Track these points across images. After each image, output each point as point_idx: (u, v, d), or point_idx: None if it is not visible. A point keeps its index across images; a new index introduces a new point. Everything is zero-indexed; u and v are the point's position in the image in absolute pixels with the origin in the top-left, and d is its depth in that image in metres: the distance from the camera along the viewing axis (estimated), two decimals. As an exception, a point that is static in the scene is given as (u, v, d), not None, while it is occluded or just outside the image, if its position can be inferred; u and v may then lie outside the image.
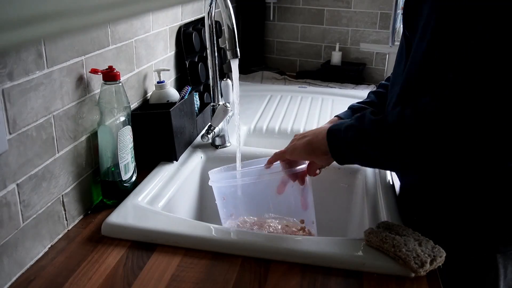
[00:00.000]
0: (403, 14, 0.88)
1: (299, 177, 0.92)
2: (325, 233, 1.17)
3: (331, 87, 1.89)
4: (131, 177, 0.97)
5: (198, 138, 1.25)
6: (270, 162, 0.91)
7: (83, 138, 0.90)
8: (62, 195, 0.85)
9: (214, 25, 1.18)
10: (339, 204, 1.16)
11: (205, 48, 1.24)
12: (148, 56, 1.18)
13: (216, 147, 1.22)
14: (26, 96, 0.73)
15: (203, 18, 1.54)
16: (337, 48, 2.06)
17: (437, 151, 0.70)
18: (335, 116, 1.04)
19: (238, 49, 1.06)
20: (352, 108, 1.05)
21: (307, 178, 0.92)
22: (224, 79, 1.52)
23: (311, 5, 2.10)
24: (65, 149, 0.84)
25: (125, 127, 0.93)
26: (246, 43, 2.06)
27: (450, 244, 0.79)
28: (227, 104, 1.22)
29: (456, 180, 0.83)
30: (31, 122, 0.75)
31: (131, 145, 0.96)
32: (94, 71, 0.90)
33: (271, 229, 0.92)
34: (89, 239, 0.84)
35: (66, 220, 0.86)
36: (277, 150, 0.92)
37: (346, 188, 1.14)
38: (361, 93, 1.71)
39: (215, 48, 1.21)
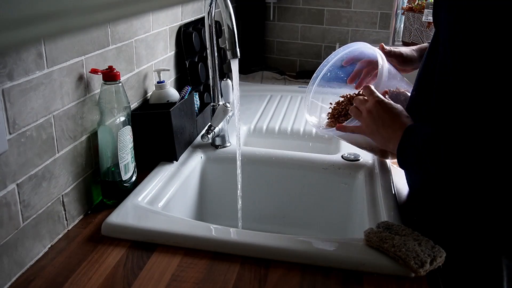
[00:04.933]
0: (432, 10, 0.88)
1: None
2: (325, 233, 1.17)
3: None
4: (131, 177, 0.97)
5: (198, 138, 1.25)
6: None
7: (83, 138, 0.90)
8: (62, 195, 0.85)
9: (214, 25, 1.18)
10: (339, 204, 1.16)
11: (205, 48, 1.24)
12: (148, 56, 1.18)
13: (216, 147, 1.22)
14: (26, 96, 0.73)
15: (203, 18, 1.54)
16: (337, 48, 2.05)
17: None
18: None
19: (238, 49, 1.06)
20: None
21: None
22: (224, 79, 1.52)
23: (311, 5, 2.10)
24: (65, 149, 0.84)
25: (125, 127, 0.93)
26: (246, 43, 2.06)
27: (452, 244, 0.79)
28: (227, 104, 1.22)
29: (465, 183, 0.82)
30: (31, 122, 0.75)
31: (131, 145, 0.96)
32: (94, 71, 0.90)
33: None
34: (89, 239, 0.84)
35: (66, 220, 0.86)
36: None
37: (346, 188, 1.14)
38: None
39: (215, 48, 1.21)
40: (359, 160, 1.15)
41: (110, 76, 0.90)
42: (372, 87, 0.92)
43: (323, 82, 1.15)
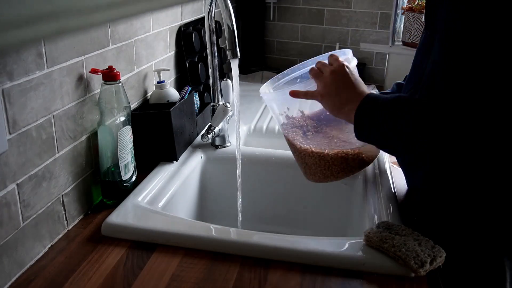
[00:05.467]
0: (425, 12, 0.88)
1: None
2: (325, 233, 1.17)
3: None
4: (131, 177, 0.97)
5: (198, 138, 1.25)
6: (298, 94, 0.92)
7: (83, 138, 0.90)
8: (62, 195, 0.85)
9: (214, 25, 1.18)
10: (339, 204, 1.16)
11: (205, 48, 1.24)
12: (148, 56, 1.18)
13: (216, 147, 1.22)
14: (26, 96, 0.73)
15: (203, 18, 1.54)
16: (337, 48, 2.05)
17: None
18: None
19: (238, 49, 1.06)
20: (397, 84, 1.07)
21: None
22: (224, 79, 1.52)
23: (311, 5, 2.10)
24: (65, 149, 0.84)
25: (125, 127, 0.93)
26: (246, 43, 2.06)
27: (452, 244, 0.79)
28: (227, 104, 1.22)
29: (465, 181, 0.82)
30: (31, 122, 0.75)
31: (131, 145, 0.96)
32: (94, 71, 0.90)
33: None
34: (89, 239, 0.84)
35: (66, 220, 0.86)
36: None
37: (346, 188, 1.14)
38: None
39: (215, 48, 1.21)
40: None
41: (110, 76, 0.90)
42: (338, 55, 0.90)
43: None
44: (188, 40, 1.39)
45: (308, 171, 0.97)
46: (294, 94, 0.91)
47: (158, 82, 1.19)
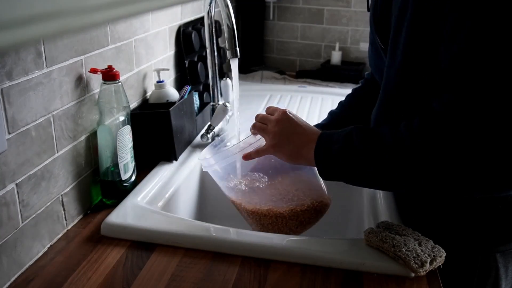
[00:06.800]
0: (374, 21, 0.85)
1: None
2: (325, 233, 1.17)
3: (331, 86, 1.90)
4: (131, 177, 0.96)
5: (198, 138, 1.25)
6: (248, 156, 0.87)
7: (83, 137, 0.90)
8: (62, 195, 0.84)
9: (213, 25, 1.18)
10: (339, 204, 1.16)
11: (205, 48, 1.24)
12: (148, 56, 1.18)
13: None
14: (26, 96, 0.73)
15: (202, 18, 1.54)
16: (337, 48, 2.06)
17: (438, 174, 0.68)
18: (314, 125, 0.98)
19: (237, 49, 1.06)
20: (332, 114, 1.05)
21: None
22: (224, 79, 1.52)
23: (311, 4, 2.10)
24: (65, 148, 0.84)
25: (125, 127, 0.93)
26: (246, 43, 2.06)
27: (450, 244, 0.79)
28: (227, 104, 1.22)
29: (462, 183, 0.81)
30: (30, 122, 0.75)
31: (130, 144, 0.95)
32: (94, 71, 0.90)
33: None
34: (89, 239, 0.84)
35: (66, 220, 0.86)
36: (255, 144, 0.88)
37: (346, 188, 1.14)
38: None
39: (215, 48, 1.21)
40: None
41: (109, 75, 0.90)
42: (275, 106, 0.88)
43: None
44: (187, 39, 1.38)
45: (264, 231, 0.90)
46: (247, 157, 0.87)
47: (157, 82, 1.19)
